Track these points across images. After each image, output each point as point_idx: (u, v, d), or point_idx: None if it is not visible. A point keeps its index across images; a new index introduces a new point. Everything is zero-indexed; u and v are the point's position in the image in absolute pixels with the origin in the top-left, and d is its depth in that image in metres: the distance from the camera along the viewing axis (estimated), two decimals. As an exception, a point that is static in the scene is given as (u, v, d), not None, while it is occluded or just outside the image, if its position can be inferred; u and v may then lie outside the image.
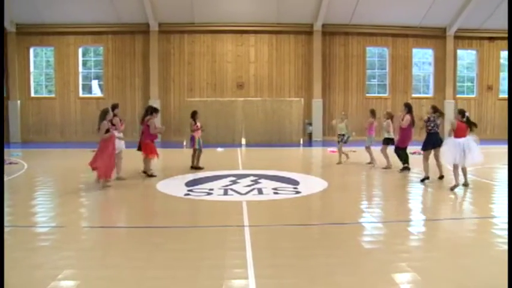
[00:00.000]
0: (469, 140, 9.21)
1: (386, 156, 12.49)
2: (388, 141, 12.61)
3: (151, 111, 11.04)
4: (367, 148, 13.40)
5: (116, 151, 9.75)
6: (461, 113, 9.42)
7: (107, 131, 9.26)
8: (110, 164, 9.39)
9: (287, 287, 4.06)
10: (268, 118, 22.07)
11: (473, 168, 12.00)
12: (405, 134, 11.74)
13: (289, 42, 23.65)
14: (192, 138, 12.20)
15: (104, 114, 9.34)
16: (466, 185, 9.43)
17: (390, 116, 12.90)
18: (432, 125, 10.23)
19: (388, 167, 12.36)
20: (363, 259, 4.86)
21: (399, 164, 12.00)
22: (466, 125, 9.27)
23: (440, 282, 4.13)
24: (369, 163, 13.24)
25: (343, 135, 13.35)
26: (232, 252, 5.00)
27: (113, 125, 10.07)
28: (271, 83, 23.65)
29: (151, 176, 10.79)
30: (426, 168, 10.23)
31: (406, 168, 11.77)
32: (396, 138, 12.11)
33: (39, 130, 23.00)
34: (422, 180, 10.17)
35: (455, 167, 9.22)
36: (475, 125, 9.53)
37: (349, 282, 4.15)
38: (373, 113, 13.55)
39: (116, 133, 9.93)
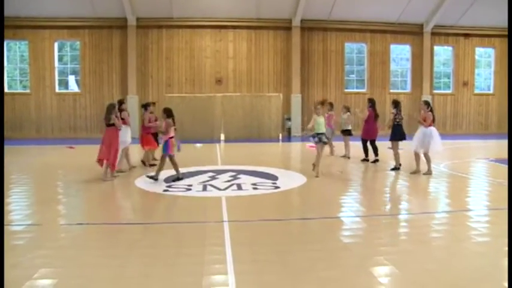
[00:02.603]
0: (434, 129, 10.23)
1: (346, 146, 13.66)
2: (344, 132, 13.72)
3: (145, 105, 12.12)
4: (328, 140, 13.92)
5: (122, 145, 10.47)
6: (427, 103, 10.44)
7: (112, 124, 9.66)
8: (117, 156, 9.95)
9: (267, 282, 4.07)
10: (247, 113, 22.06)
11: (450, 162, 12.25)
12: (367, 127, 12.68)
13: (268, 37, 23.64)
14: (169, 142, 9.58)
15: (112, 108, 9.76)
16: (429, 173, 10.23)
17: (347, 109, 13.91)
18: (398, 118, 11.07)
19: (347, 155, 13.58)
20: (342, 253, 4.90)
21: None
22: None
23: (417, 274, 4.19)
24: (337, 155, 13.94)
25: (322, 134, 10.39)
26: (211, 248, 4.98)
27: (122, 119, 10.57)
28: (250, 78, 23.63)
29: (151, 165, 11.56)
30: (398, 157, 11.17)
31: (365, 160, 12.65)
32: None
33: (14, 126, 22.47)
34: (393, 169, 11.03)
35: (417, 154, 10.34)
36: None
37: (329, 277, 4.17)
38: (331, 105, 14.13)
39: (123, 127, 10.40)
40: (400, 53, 25.61)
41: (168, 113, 9.63)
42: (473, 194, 8.57)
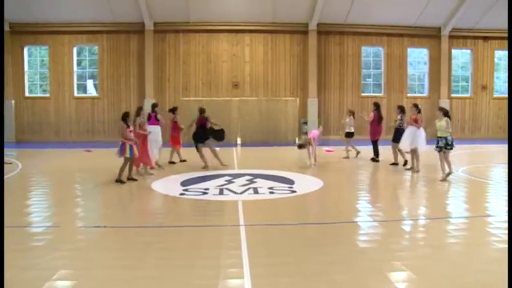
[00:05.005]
0: (422, 130, 11.22)
1: (352, 147, 14.49)
2: (349, 135, 14.64)
3: (172, 109, 13.74)
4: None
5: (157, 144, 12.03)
6: (416, 106, 11.63)
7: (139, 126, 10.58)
8: (148, 154, 10.90)
9: (283, 285, 4.06)
10: (264, 117, 22.08)
11: (469, 167, 12.10)
12: (372, 129, 13.67)
13: (285, 41, 23.62)
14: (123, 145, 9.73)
15: (139, 111, 10.86)
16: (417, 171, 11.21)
17: (352, 113, 14.82)
18: (401, 122, 12.38)
19: (345, 155, 14.51)
20: (358, 258, 4.87)
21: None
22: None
23: (435, 280, 4.15)
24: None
25: (445, 138, 9.77)
26: (227, 252, 4.99)
27: (158, 120, 12.35)
28: (267, 82, 23.61)
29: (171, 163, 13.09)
30: (396, 156, 12.48)
31: (375, 160, 13.48)
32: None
33: (34, 130, 22.85)
34: (391, 164, 12.51)
35: (412, 151, 11.34)
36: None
37: (345, 281, 4.15)
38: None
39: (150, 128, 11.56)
40: (418, 57, 25.37)
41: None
42: (492, 199, 8.43)
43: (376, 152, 13.61)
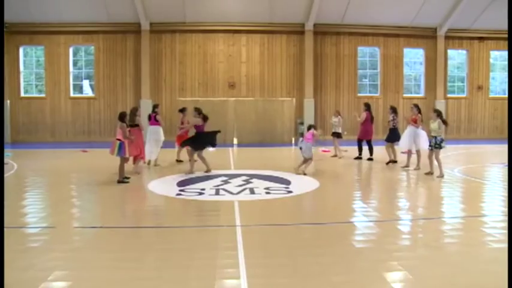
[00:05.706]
0: (421, 129, 11.75)
1: (334, 148, 15.10)
2: (335, 135, 15.12)
3: (182, 110, 13.92)
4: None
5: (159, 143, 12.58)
6: (417, 107, 12.16)
7: (137, 125, 11.02)
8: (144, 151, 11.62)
9: (279, 286, 4.06)
10: (260, 118, 22.12)
11: (464, 167, 12.14)
12: (363, 129, 14.08)
13: (281, 42, 23.65)
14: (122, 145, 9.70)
15: (135, 111, 11.38)
16: (417, 169, 11.58)
17: (338, 113, 15.41)
18: (395, 122, 13.05)
19: (338, 155, 14.77)
20: (354, 258, 4.87)
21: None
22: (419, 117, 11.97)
23: (431, 280, 4.15)
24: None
25: (435, 137, 10.47)
26: (224, 252, 4.98)
27: (157, 120, 12.63)
28: (263, 82, 23.64)
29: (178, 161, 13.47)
30: (390, 154, 12.95)
31: (358, 158, 14.11)
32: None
33: (29, 130, 22.80)
34: (387, 163, 12.77)
35: (409, 151, 12.01)
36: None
37: (341, 282, 4.15)
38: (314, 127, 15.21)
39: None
40: (414, 57, 25.45)
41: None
42: (488, 199, 8.47)
43: (370, 151, 13.92)
